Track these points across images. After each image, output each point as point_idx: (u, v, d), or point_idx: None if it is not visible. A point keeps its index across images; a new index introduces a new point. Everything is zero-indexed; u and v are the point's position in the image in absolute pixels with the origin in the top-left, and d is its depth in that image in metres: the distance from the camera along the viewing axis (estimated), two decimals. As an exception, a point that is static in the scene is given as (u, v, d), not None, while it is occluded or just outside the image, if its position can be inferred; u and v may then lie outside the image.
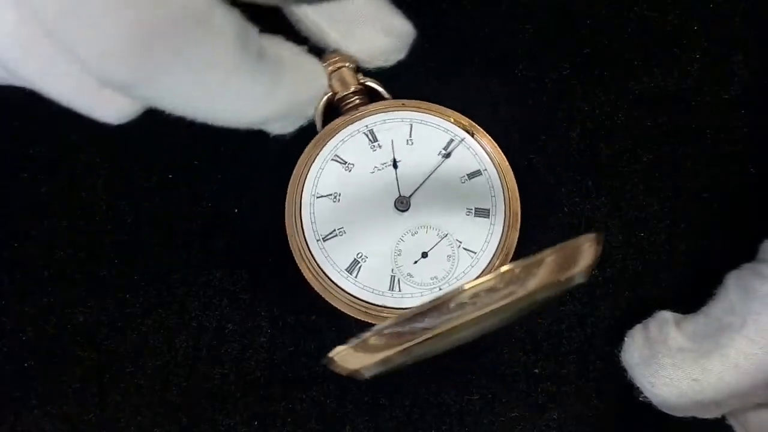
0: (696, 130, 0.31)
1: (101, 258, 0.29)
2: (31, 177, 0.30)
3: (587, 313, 0.28)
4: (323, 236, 0.27)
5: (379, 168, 0.28)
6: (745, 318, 0.22)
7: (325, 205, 0.27)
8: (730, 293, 0.24)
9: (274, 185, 0.30)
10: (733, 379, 0.22)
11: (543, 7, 0.32)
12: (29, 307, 0.28)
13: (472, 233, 0.27)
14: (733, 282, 0.24)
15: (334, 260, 0.27)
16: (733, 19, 0.32)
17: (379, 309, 0.26)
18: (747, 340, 0.22)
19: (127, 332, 0.28)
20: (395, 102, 0.29)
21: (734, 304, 0.23)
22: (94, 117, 0.23)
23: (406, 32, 0.28)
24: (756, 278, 0.23)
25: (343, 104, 0.29)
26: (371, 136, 0.28)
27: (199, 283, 0.29)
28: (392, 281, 0.26)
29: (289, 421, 0.27)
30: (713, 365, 0.22)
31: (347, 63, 0.28)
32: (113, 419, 0.27)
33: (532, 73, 0.31)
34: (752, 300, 0.23)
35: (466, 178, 0.28)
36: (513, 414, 0.27)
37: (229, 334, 0.28)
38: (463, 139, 0.28)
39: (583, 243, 0.19)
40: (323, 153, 0.28)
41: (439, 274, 0.26)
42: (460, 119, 0.29)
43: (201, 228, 0.29)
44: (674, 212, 0.30)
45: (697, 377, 0.23)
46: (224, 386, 0.28)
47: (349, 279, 0.26)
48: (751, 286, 0.23)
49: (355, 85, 0.29)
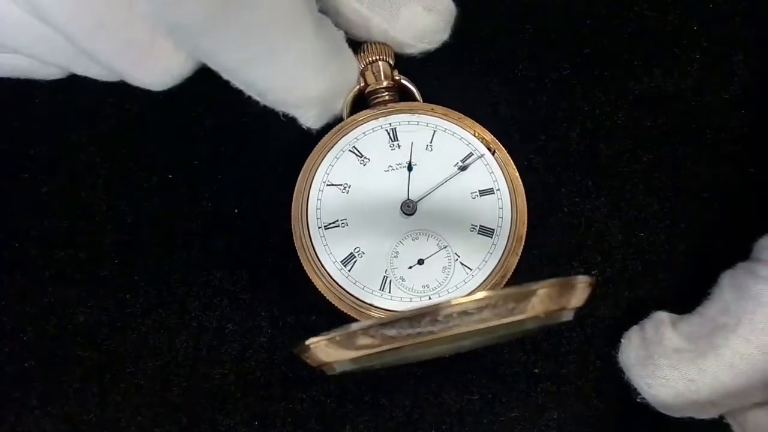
0: (696, 130, 0.31)
1: (101, 258, 0.29)
2: (31, 177, 0.30)
3: (587, 313, 0.28)
4: (326, 224, 0.27)
5: (393, 168, 0.28)
6: (740, 318, 0.23)
7: (334, 194, 0.27)
8: (724, 293, 0.24)
9: (274, 185, 0.30)
10: (729, 379, 0.22)
11: (543, 7, 0.32)
12: (29, 307, 0.28)
13: (471, 249, 0.27)
14: (728, 281, 0.24)
15: (331, 250, 0.27)
16: (733, 19, 0.32)
17: (366, 307, 0.26)
18: (742, 339, 0.22)
19: (127, 332, 0.28)
20: (424, 105, 0.29)
21: (728, 303, 0.23)
22: (135, 80, 0.23)
23: (448, 9, 0.28)
24: (750, 277, 0.23)
25: (373, 98, 0.29)
26: (392, 135, 0.28)
27: (199, 283, 0.29)
28: (384, 282, 0.26)
29: (289, 421, 0.27)
30: (709, 365, 0.23)
31: (386, 56, 0.29)
32: (113, 419, 0.27)
33: (532, 73, 0.31)
34: (746, 299, 0.23)
35: (477, 194, 0.27)
36: (513, 414, 0.27)
37: (229, 334, 0.28)
38: (482, 155, 0.28)
39: (579, 282, 0.19)
40: (342, 142, 0.28)
41: (431, 283, 0.26)
42: (484, 134, 0.28)
43: (201, 228, 0.29)
44: (674, 212, 0.30)
45: (693, 377, 0.23)
46: (224, 386, 0.28)
47: (342, 271, 0.26)
48: (745, 285, 0.23)
49: (389, 80, 0.29)
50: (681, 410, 0.24)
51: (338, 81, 0.26)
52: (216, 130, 0.31)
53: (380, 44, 0.29)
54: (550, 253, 0.29)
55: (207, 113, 0.31)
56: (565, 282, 0.19)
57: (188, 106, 0.31)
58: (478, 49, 0.31)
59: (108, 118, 0.31)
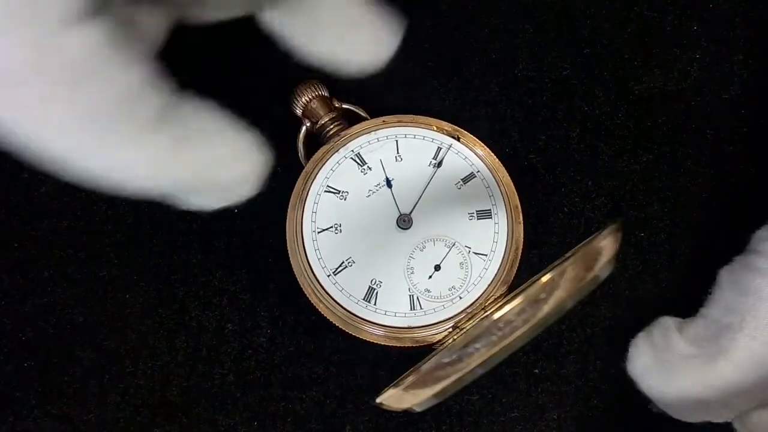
0: (696, 130, 0.31)
1: (101, 258, 0.29)
2: (31, 177, 0.30)
3: (587, 313, 0.28)
4: (333, 270, 0.26)
5: (373, 190, 0.27)
6: (743, 316, 0.22)
7: (328, 238, 0.27)
8: (725, 291, 0.24)
9: (274, 185, 0.30)
10: (740, 380, 0.22)
11: (543, 7, 0.32)
12: (29, 307, 0.28)
13: (478, 236, 0.27)
14: (726, 278, 0.24)
15: (349, 292, 0.26)
16: (733, 19, 0.32)
17: (406, 331, 0.26)
18: (748, 338, 0.22)
19: (127, 332, 0.28)
20: (375, 120, 0.28)
21: (730, 302, 0.23)
22: None
23: (395, 26, 0.27)
24: (748, 272, 0.23)
25: (324, 133, 0.28)
26: (359, 160, 0.28)
27: (199, 283, 0.29)
28: (412, 300, 0.26)
29: (289, 421, 0.27)
30: (719, 368, 0.22)
31: (318, 91, 0.28)
32: (113, 419, 0.27)
33: (532, 73, 0.31)
34: (746, 296, 0.23)
35: (461, 183, 0.27)
36: (513, 414, 0.27)
37: (229, 334, 0.28)
38: (450, 146, 0.28)
39: (600, 241, 0.20)
40: (314, 186, 0.27)
41: (455, 283, 0.26)
42: (443, 126, 0.28)
43: (201, 228, 0.29)
44: (674, 212, 0.30)
45: (704, 382, 0.23)
46: (224, 386, 0.28)
47: (368, 308, 0.26)
48: (744, 281, 0.23)
49: (331, 111, 0.28)
50: (697, 416, 0.24)
51: (211, 170, 0.23)
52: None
53: (306, 83, 0.28)
54: (550, 253, 0.29)
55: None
56: (589, 243, 0.20)
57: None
58: (478, 49, 0.31)
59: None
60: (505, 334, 0.19)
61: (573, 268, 0.19)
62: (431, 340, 0.25)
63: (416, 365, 0.20)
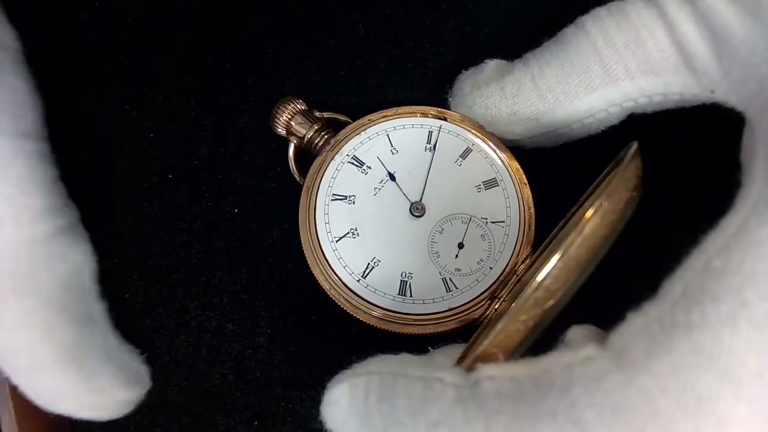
0: (696, 130, 0.31)
1: (102, 258, 0.29)
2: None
3: (587, 314, 0.28)
4: (361, 273, 0.26)
5: (379, 188, 0.28)
6: None
7: (348, 244, 0.27)
8: None
9: (274, 185, 0.30)
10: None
11: (542, 7, 0.32)
12: (29, 307, 0.28)
13: (491, 205, 0.27)
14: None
15: (383, 291, 0.26)
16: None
17: (448, 313, 0.26)
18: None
19: (127, 332, 0.28)
20: (361, 121, 0.29)
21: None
22: None
23: None
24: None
25: (313, 145, 0.29)
26: (357, 162, 0.28)
27: (199, 283, 0.29)
28: (446, 283, 0.26)
29: (289, 421, 0.27)
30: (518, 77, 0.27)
31: (296, 107, 0.28)
32: (113, 419, 0.27)
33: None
34: None
35: (460, 159, 0.28)
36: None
37: (229, 334, 0.28)
38: (440, 127, 0.28)
39: (629, 160, 0.21)
40: (320, 198, 0.27)
41: (482, 256, 0.27)
42: (428, 110, 0.29)
43: (201, 228, 0.29)
44: (674, 212, 0.30)
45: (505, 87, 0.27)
46: (224, 386, 0.28)
47: (405, 302, 0.26)
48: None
49: (314, 123, 0.29)
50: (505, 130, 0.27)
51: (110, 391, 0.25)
52: (216, 130, 0.31)
53: (282, 101, 0.29)
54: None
55: (207, 113, 0.31)
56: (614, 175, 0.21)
57: (188, 106, 0.31)
58: (478, 49, 0.31)
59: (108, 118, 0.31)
60: (553, 289, 0.20)
61: (613, 194, 0.21)
62: (473, 316, 0.26)
63: (476, 337, 0.20)
